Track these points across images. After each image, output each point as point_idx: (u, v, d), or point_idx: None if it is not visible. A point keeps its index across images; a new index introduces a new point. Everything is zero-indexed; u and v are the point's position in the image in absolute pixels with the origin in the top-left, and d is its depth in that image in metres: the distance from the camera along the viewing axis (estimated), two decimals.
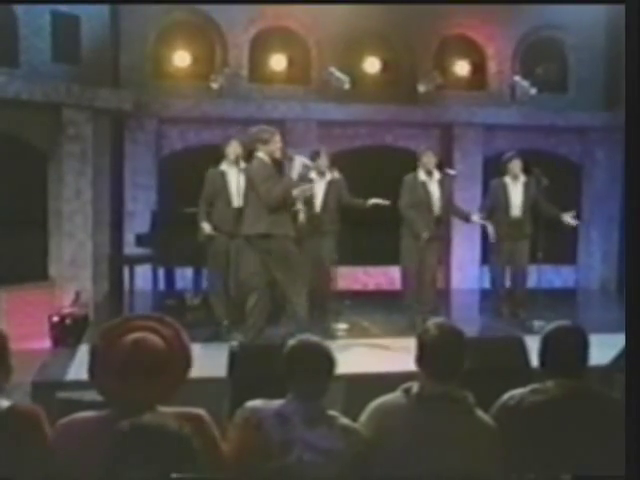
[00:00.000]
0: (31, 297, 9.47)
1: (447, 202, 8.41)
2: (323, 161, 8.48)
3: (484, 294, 10.67)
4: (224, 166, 7.85)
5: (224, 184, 7.76)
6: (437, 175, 8.39)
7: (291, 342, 3.28)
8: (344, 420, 3.18)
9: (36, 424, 2.85)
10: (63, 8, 9.84)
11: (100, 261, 10.22)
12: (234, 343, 6.03)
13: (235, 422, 3.19)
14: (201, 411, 3.03)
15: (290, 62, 11.55)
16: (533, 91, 11.55)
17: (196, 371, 6.61)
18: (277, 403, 3.18)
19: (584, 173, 12.56)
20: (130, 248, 10.27)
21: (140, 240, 9.28)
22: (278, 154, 7.06)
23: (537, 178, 8.81)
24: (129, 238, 10.53)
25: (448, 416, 3.09)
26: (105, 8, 10.43)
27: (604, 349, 5.09)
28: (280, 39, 11.65)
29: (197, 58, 11.33)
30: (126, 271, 9.26)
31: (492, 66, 12.17)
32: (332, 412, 3.19)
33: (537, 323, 8.33)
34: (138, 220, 10.78)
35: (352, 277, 11.91)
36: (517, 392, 3.27)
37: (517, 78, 11.78)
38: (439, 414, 3.10)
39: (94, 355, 2.98)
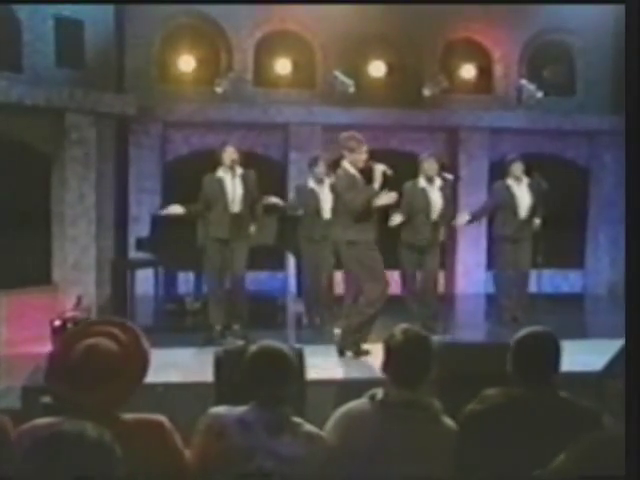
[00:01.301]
0: (34, 301, 9.48)
1: (447, 208, 8.35)
2: (321, 168, 8.51)
3: (490, 299, 10.59)
4: (220, 172, 7.82)
5: (221, 190, 7.73)
6: (438, 182, 8.33)
7: (253, 347, 3.24)
8: (309, 427, 3.14)
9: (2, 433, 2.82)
10: (66, 12, 9.87)
11: (104, 265, 10.21)
12: (220, 348, 5.98)
13: (198, 429, 3.16)
14: (162, 418, 3.00)
15: (295, 66, 11.54)
16: (540, 94, 11.48)
17: (190, 375, 6.62)
18: (240, 410, 3.15)
19: (592, 177, 12.47)
20: (134, 252, 10.27)
21: (140, 244, 9.28)
22: (362, 164, 7.15)
23: (537, 181, 8.72)
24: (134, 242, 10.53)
25: (412, 423, 3.05)
26: (109, 13, 10.45)
27: (609, 355, 5.03)
28: (285, 43, 11.66)
29: (202, 62, 11.34)
30: (128, 275, 9.26)
31: (498, 69, 12.12)
32: (296, 419, 3.15)
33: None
34: (142, 224, 10.75)
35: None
36: (488, 394, 3.21)
37: (523, 81, 11.70)
38: (403, 421, 3.05)
39: (51, 360, 2.95)
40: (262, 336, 7.76)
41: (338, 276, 10.94)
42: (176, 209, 7.85)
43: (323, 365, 6.57)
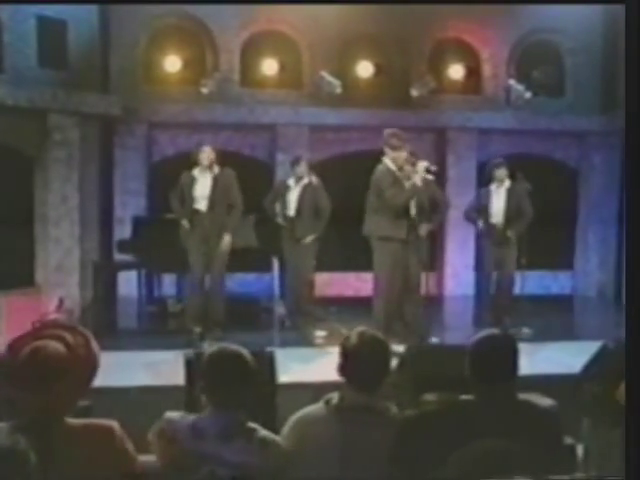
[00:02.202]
0: (17, 303, 9.39)
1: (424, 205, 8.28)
2: (302, 168, 8.52)
3: (479, 301, 10.55)
4: (197, 171, 7.82)
5: (195, 189, 7.76)
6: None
7: (208, 351, 3.20)
8: (264, 433, 3.10)
9: None
10: (49, 12, 9.82)
11: (87, 267, 10.16)
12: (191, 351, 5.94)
13: (151, 433, 3.12)
14: (113, 423, 2.96)
15: (282, 66, 11.46)
16: (528, 95, 11.44)
17: (167, 379, 6.56)
18: (194, 416, 3.10)
19: (581, 178, 12.46)
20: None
21: (122, 246, 9.23)
22: (402, 161, 7.32)
23: (520, 183, 8.68)
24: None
25: (368, 428, 3.01)
26: (93, 12, 10.41)
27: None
28: (272, 43, 11.59)
29: (188, 63, 11.26)
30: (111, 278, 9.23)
31: (487, 70, 12.07)
32: (251, 425, 3.10)
33: (525, 330, 8.23)
34: (127, 226, 10.68)
35: (344, 283, 11.86)
36: (441, 400, 3.17)
37: (512, 81, 11.65)
38: (359, 426, 3.01)
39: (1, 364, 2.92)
40: (242, 339, 7.78)
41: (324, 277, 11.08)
42: (186, 224, 7.83)
43: (299, 367, 6.53)
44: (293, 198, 8.55)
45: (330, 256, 11.35)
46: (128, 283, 10.39)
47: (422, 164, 7.29)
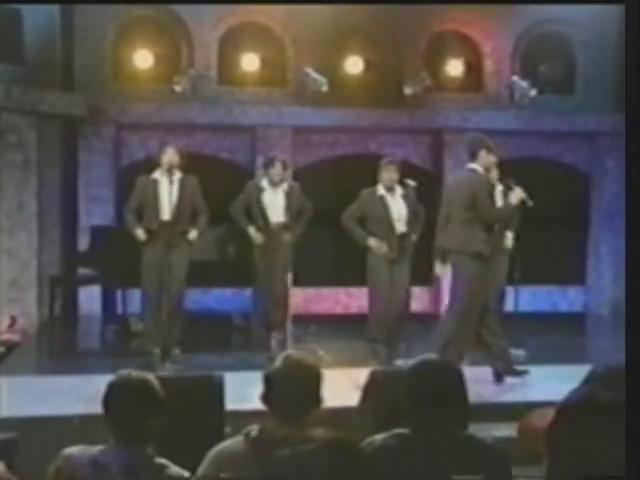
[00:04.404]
0: None
1: (413, 217, 8.20)
2: (277, 170, 8.39)
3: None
4: (156, 175, 7.70)
5: (155, 194, 7.61)
6: (399, 189, 8.19)
7: (112, 378, 3.07)
8: (174, 469, 2.99)
9: None
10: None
11: (46, 282, 10.05)
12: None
13: (48, 471, 3.01)
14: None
15: (263, 62, 11.38)
16: (533, 92, 11.32)
17: None
18: (96, 449, 2.99)
19: (593, 183, 12.31)
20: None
21: (79, 259, 9.13)
22: (493, 170, 7.33)
23: (508, 187, 8.51)
24: None
25: (288, 464, 2.85)
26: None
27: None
28: (252, 37, 11.48)
29: (160, 58, 11.17)
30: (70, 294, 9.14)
31: (489, 65, 11.97)
32: (160, 460, 2.98)
33: (518, 352, 8.06)
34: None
35: (333, 299, 11.77)
36: (378, 437, 3.03)
37: (516, 78, 11.54)
38: (279, 461, 2.86)
39: None
40: (206, 361, 7.72)
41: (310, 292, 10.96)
42: (140, 234, 7.70)
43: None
44: (274, 203, 8.39)
45: (317, 270, 11.28)
46: (92, 300, 10.31)
47: (518, 189, 7.13)
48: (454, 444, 2.89)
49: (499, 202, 7.45)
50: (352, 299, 11.72)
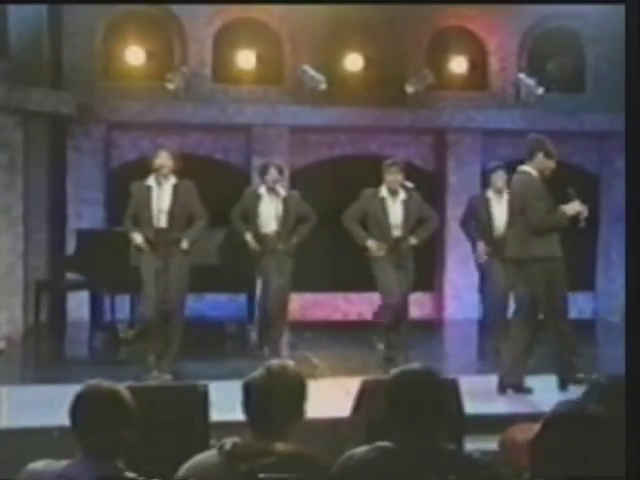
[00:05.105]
0: None
1: (414, 222, 8.17)
2: (272, 176, 8.33)
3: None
4: (150, 181, 7.59)
5: (148, 202, 7.50)
6: (402, 194, 8.18)
7: (80, 388, 2.97)
8: None
9: None
10: None
11: (32, 288, 9.96)
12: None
13: None
14: None
15: (260, 59, 11.33)
16: (540, 91, 11.26)
17: None
18: (63, 464, 2.91)
19: (602, 185, 12.23)
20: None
21: (66, 263, 9.04)
22: (549, 173, 7.25)
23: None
24: None
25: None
26: None
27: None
28: (248, 33, 11.44)
29: (152, 55, 11.13)
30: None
31: (494, 62, 11.91)
32: (130, 474, 2.87)
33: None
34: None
35: (332, 305, 11.70)
36: (358, 450, 2.92)
37: (522, 76, 11.47)
38: (253, 477, 2.75)
39: None
40: (198, 369, 7.63)
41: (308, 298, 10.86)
42: (138, 238, 7.59)
43: None
44: (270, 211, 8.36)
45: (314, 274, 11.16)
46: (81, 305, 10.20)
47: (577, 202, 7.12)
48: (437, 459, 2.80)
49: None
50: (351, 305, 11.66)
